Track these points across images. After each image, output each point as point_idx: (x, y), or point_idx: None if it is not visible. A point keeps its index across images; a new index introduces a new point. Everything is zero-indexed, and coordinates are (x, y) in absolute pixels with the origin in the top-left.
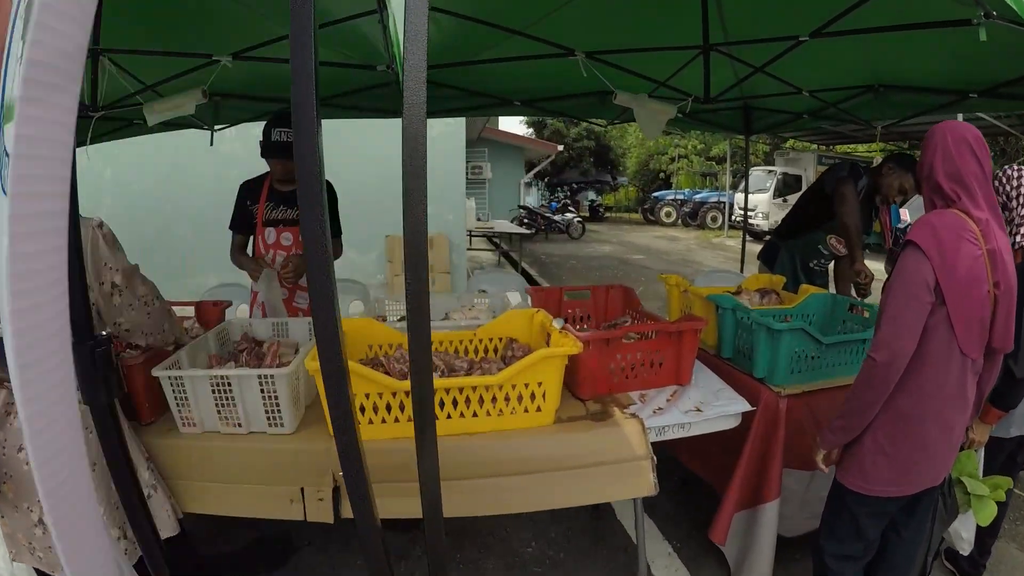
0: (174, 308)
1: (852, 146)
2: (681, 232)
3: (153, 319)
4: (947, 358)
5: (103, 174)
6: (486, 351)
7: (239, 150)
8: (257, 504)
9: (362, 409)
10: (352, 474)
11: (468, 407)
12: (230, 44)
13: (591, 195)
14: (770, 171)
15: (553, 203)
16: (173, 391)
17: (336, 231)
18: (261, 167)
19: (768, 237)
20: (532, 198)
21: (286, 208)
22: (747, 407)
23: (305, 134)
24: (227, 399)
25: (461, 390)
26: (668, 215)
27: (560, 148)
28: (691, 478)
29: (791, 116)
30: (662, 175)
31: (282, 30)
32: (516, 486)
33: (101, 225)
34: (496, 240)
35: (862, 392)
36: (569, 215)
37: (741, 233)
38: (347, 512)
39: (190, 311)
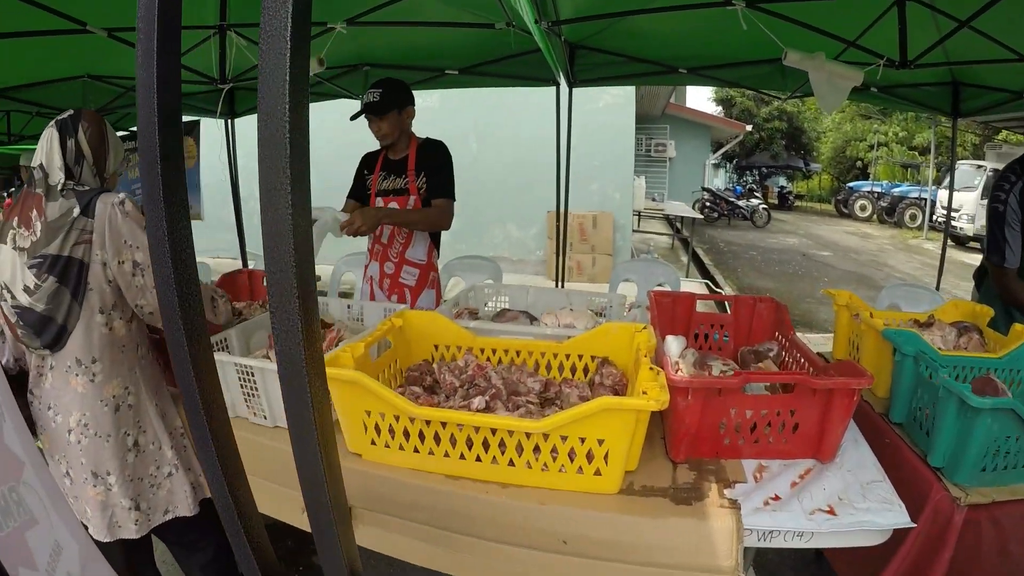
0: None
1: None
2: (875, 229)
3: None
4: None
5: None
6: (573, 370)
7: None
8: (272, 504)
9: (376, 428)
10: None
11: (503, 452)
12: (343, 11)
13: (781, 181)
14: (979, 166)
15: (738, 187)
16: None
17: (445, 192)
18: (422, 135)
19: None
20: (719, 180)
21: (395, 177)
22: (905, 521)
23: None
24: (253, 389)
25: (494, 431)
26: (863, 209)
27: (749, 128)
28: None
29: (1011, 95)
30: (859, 164)
31: None
32: (547, 565)
33: (123, 202)
34: (677, 224)
35: None
36: (754, 201)
37: (942, 237)
38: (360, 539)
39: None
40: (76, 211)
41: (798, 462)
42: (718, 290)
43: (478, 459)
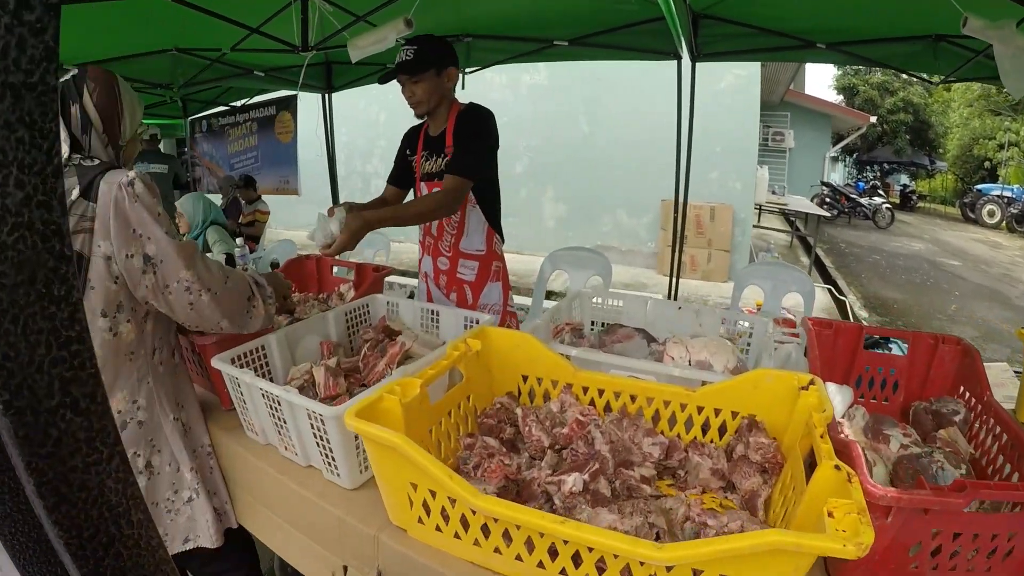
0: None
1: None
2: (1005, 238)
3: (200, 312)
4: None
5: (377, 118)
6: (706, 427)
7: (509, 97)
8: (300, 558)
9: (425, 506)
10: None
11: (599, 572)
12: None
13: (903, 179)
14: None
15: (860, 183)
16: (232, 389)
17: (458, 167)
18: (540, 118)
19: None
20: (836, 175)
21: (436, 157)
22: None
23: None
24: (281, 420)
25: (591, 550)
26: (991, 214)
27: (872, 120)
28: None
29: None
30: (986, 164)
31: None
32: None
33: (132, 182)
34: (793, 219)
35: None
36: (877, 199)
37: None
38: None
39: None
40: (75, 192)
41: None
42: (841, 298)
43: (563, 573)
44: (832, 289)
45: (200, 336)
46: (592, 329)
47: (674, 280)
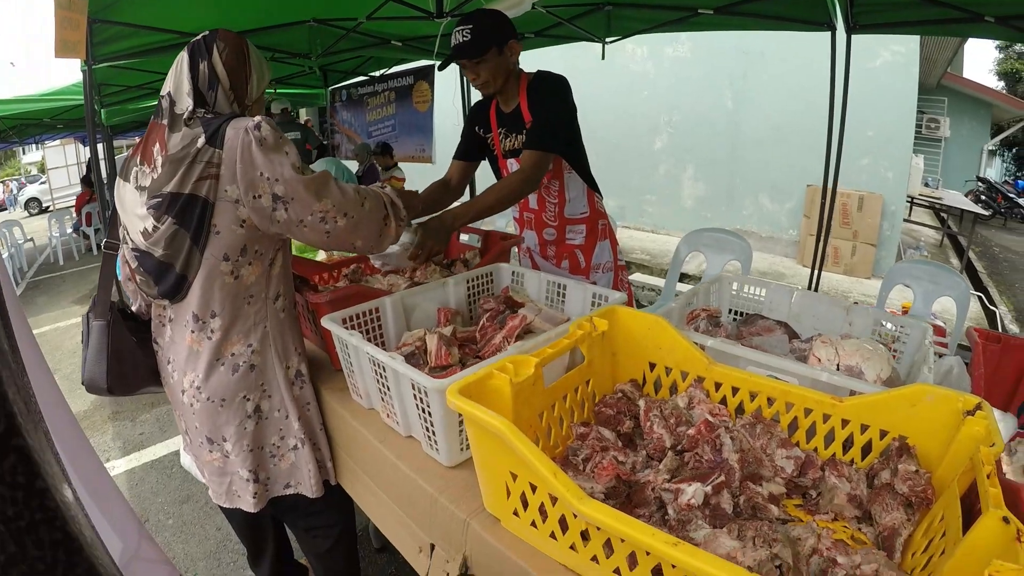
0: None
1: None
2: None
3: (336, 237)
4: None
5: None
6: (848, 443)
7: (650, 69)
8: (391, 526)
9: (523, 499)
10: None
11: None
12: None
13: None
14: None
15: (1020, 182)
16: (340, 350)
17: (536, 141)
18: (683, 94)
19: None
20: (993, 170)
21: (515, 134)
22: None
23: None
24: (386, 388)
25: None
26: None
27: None
28: None
29: None
30: None
31: None
32: None
33: (258, 126)
34: (945, 216)
35: None
36: None
37: None
38: None
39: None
40: (201, 140)
41: None
42: (992, 309)
43: None
44: (983, 297)
45: (315, 294)
46: (731, 318)
47: (816, 272)
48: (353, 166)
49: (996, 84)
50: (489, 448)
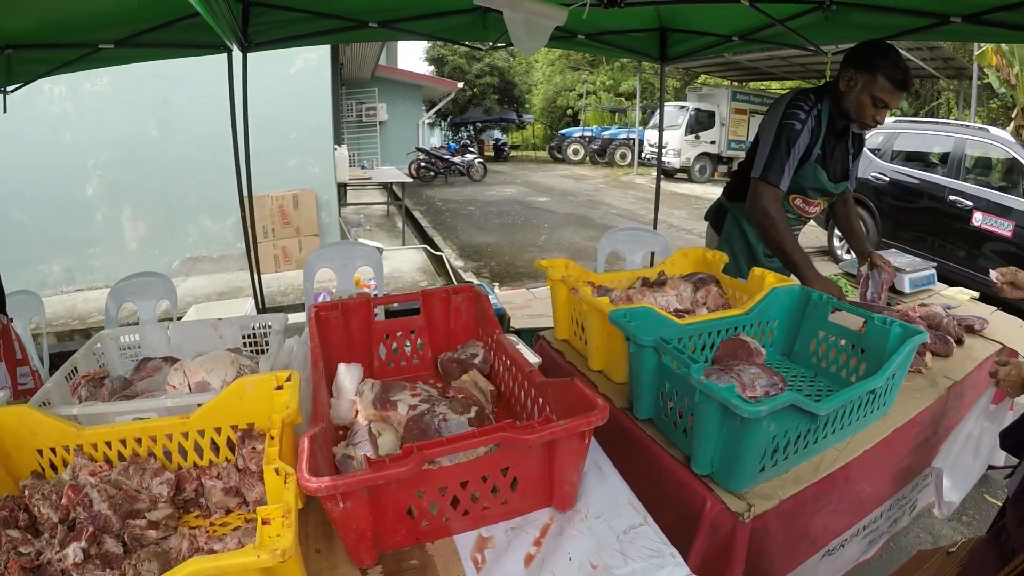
0: None
1: (766, 83)
2: (589, 170)
3: None
4: None
5: None
6: (217, 448)
7: (70, 109)
8: None
9: None
10: None
11: None
12: None
13: (496, 134)
14: (682, 107)
15: (452, 144)
16: None
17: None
18: (107, 130)
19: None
20: (435, 139)
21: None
22: (684, 574)
23: None
24: None
25: None
26: (575, 153)
27: (461, 85)
28: None
29: (717, 39)
30: (569, 112)
31: None
32: None
33: None
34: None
35: None
36: (469, 156)
37: (652, 171)
38: None
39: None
40: None
41: (529, 518)
42: (438, 254)
43: None
44: (428, 248)
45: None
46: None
47: (258, 277)
48: None
49: (427, 68)
50: None
